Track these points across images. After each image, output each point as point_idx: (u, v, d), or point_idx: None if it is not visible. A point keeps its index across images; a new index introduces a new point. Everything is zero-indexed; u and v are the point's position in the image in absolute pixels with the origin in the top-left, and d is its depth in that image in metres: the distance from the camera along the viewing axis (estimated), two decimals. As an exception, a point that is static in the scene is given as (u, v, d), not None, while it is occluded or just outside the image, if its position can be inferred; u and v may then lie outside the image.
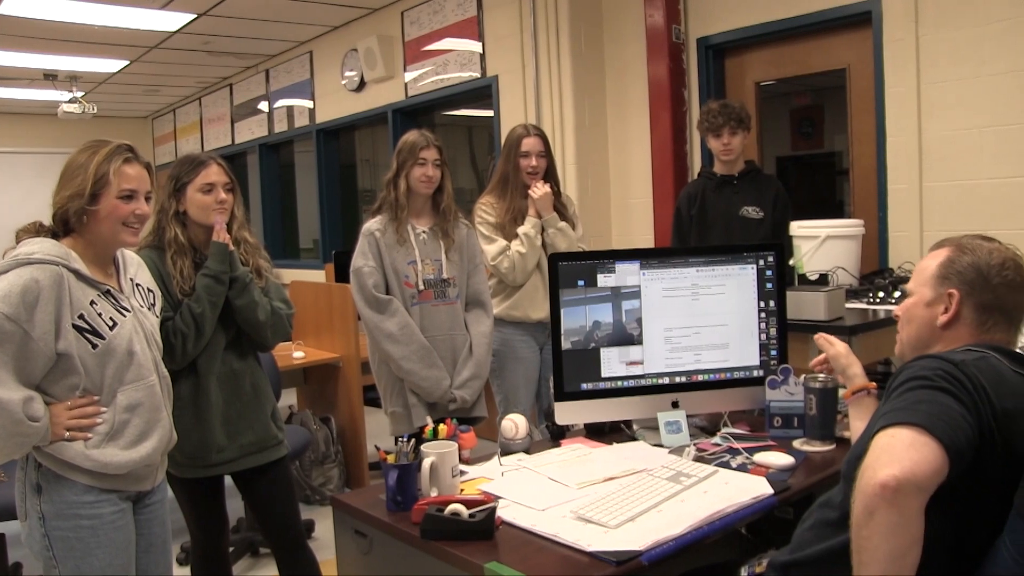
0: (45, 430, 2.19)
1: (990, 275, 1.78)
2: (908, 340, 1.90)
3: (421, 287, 3.41)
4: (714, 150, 4.20)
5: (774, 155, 5.70)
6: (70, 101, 9.47)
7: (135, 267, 2.53)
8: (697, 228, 4.19)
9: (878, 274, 4.06)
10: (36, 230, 2.34)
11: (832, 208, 5.25)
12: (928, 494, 1.45)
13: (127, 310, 2.36)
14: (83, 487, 2.29)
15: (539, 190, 3.81)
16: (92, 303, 2.27)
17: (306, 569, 3.10)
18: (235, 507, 4.26)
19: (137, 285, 2.49)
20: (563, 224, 3.87)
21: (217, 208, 2.81)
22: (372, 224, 3.44)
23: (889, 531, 1.44)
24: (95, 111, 9.57)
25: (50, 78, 9.45)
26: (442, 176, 3.44)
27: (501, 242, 3.82)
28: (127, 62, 9.14)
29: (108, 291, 2.34)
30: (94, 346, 2.26)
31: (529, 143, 3.86)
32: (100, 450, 2.29)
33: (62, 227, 2.33)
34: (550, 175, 3.93)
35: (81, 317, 2.23)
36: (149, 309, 2.50)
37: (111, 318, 2.30)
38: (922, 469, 1.44)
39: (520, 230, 3.82)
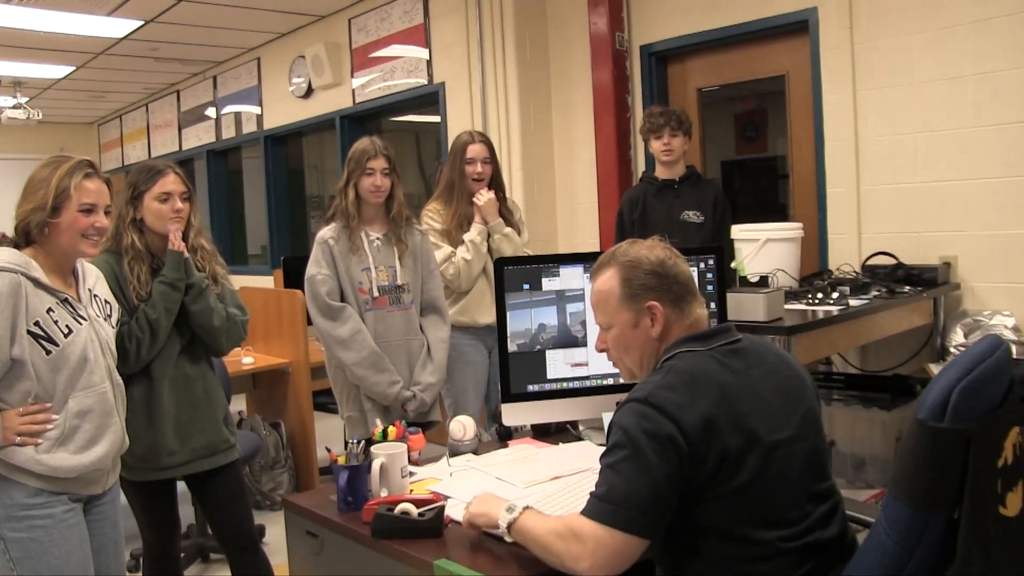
0: None
1: (664, 271, 1.91)
2: (635, 364, 1.98)
3: (376, 294, 3.44)
4: (655, 152, 4.28)
5: (718, 159, 5.80)
6: (14, 107, 9.35)
7: (94, 278, 2.57)
8: (639, 232, 4.26)
9: (818, 276, 4.16)
10: None
11: (775, 211, 5.35)
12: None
13: (84, 319, 2.41)
14: (33, 489, 2.32)
15: (484, 196, 3.86)
16: (49, 310, 2.32)
17: (260, 571, 3.13)
18: (186, 513, 4.25)
19: (95, 296, 2.53)
20: (508, 230, 3.92)
21: (173, 217, 2.84)
22: (326, 232, 3.46)
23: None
24: (40, 117, 9.46)
25: (-7, 84, 9.34)
26: (392, 185, 3.47)
27: (447, 249, 3.86)
28: (73, 68, 9.05)
29: (66, 299, 2.39)
30: (48, 352, 2.30)
31: (474, 150, 3.90)
32: (50, 455, 2.32)
33: (24, 238, 2.39)
34: (495, 181, 3.97)
35: (37, 324, 2.28)
36: (105, 319, 2.54)
37: (67, 325, 2.35)
38: (617, 562, 1.68)
39: (466, 237, 3.86)
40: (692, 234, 4.15)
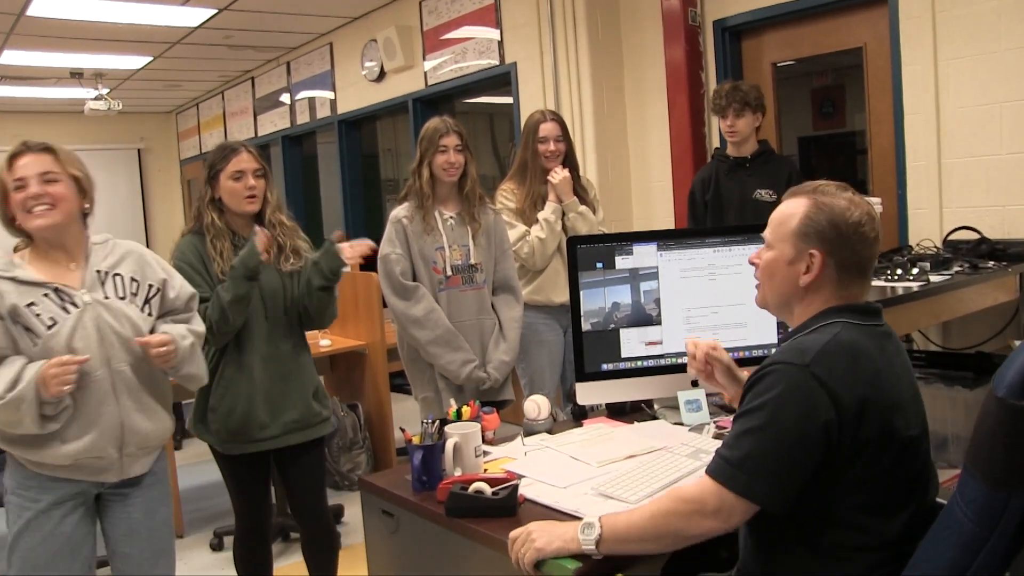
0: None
1: (849, 233, 1.79)
2: (771, 296, 1.92)
3: (449, 273, 3.45)
4: (723, 131, 4.23)
5: (795, 136, 5.70)
6: (96, 98, 9.57)
7: (117, 257, 2.55)
8: (712, 213, 4.21)
9: (897, 251, 4.06)
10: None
11: (854, 187, 5.21)
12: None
13: (76, 305, 2.41)
14: (31, 473, 2.41)
15: (558, 175, 3.85)
16: (30, 304, 2.35)
17: (332, 547, 3.23)
18: (267, 493, 4.33)
19: (115, 275, 2.51)
20: (583, 208, 3.92)
21: (247, 196, 2.96)
22: (399, 211, 3.48)
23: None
24: (120, 107, 9.66)
25: (76, 76, 9.55)
26: (466, 162, 3.47)
27: (521, 227, 3.86)
28: (150, 58, 9.23)
29: (56, 289, 2.40)
30: (34, 344, 2.35)
31: (547, 128, 3.89)
32: (35, 450, 2.38)
33: (18, 235, 2.49)
34: (569, 159, 3.96)
35: (15, 320, 2.33)
36: (128, 299, 2.51)
37: (51, 317, 2.36)
38: (734, 522, 1.69)
39: (540, 215, 3.86)
40: (765, 213, 4.04)
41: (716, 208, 4.19)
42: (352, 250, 3.06)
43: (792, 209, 1.86)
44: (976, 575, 1.51)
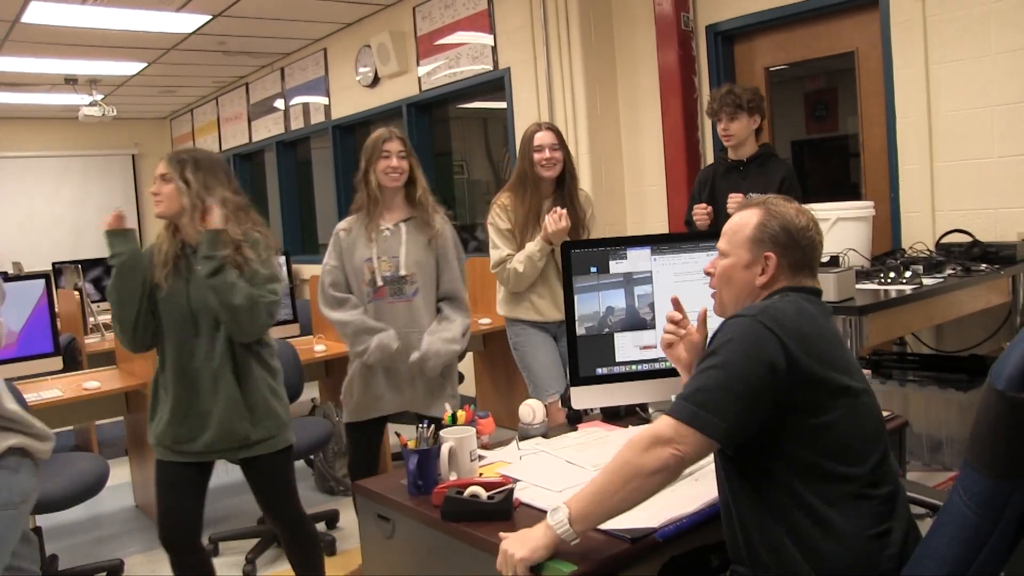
0: None
1: (799, 237, 1.97)
2: (730, 301, 2.05)
3: (379, 283, 3.46)
4: (719, 134, 4.25)
5: (788, 139, 5.72)
6: (90, 104, 9.55)
7: None
8: None
9: (890, 255, 4.09)
10: None
11: (847, 190, 5.26)
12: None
13: None
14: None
15: (555, 224, 3.67)
16: None
17: (302, 546, 3.24)
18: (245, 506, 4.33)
19: None
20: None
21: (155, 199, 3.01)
22: (341, 224, 3.54)
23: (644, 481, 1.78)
24: (114, 113, 9.65)
25: (71, 82, 9.54)
26: (411, 168, 3.47)
27: (504, 251, 3.83)
28: (145, 64, 9.22)
29: None
30: None
31: (541, 137, 3.86)
32: None
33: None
34: (568, 170, 3.92)
35: None
36: None
37: None
38: (686, 451, 1.76)
39: (526, 249, 3.78)
40: None
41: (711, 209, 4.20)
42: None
43: (746, 219, 2.02)
44: (982, 567, 1.53)
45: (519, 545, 1.80)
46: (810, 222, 2.00)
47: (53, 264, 7.85)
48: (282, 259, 5.63)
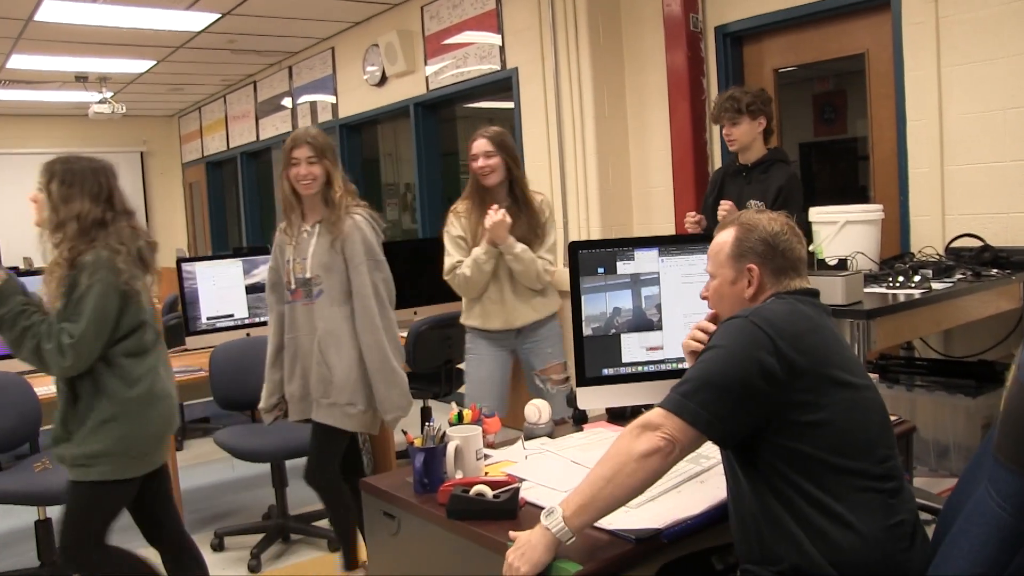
0: None
1: (775, 243, 2.03)
2: (726, 317, 2.05)
3: (292, 286, 3.47)
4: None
5: (796, 142, 5.70)
6: (100, 102, 9.60)
7: None
8: (712, 215, 4.20)
9: (899, 259, 4.06)
10: None
11: (855, 194, 5.24)
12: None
13: None
14: None
15: (491, 218, 3.67)
16: None
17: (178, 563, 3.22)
18: (266, 494, 4.36)
19: None
20: (519, 249, 3.74)
21: None
22: (281, 223, 3.57)
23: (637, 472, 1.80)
24: (124, 111, 9.69)
25: (81, 80, 9.59)
26: (327, 171, 3.41)
27: (455, 258, 3.82)
28: (154, 62, 9.25)
29: None
30: None
31: (476, 145, 3.79)
32: None
33: None
34: (514, 178, 3.84)
35: None
36: None
37: None
38: (675, 438, 1.79)
39: (472, 253, 3.78)
40: None
41: (716, 211, 4.18)
42: None
43: (723, 239, 2.09)
44: (1019, 569, 1.50)
45: (523, 559, 1.80)
46: (783, 227, 2.06)
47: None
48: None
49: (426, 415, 5.30)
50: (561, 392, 3.76)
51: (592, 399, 2.74)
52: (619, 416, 2.81)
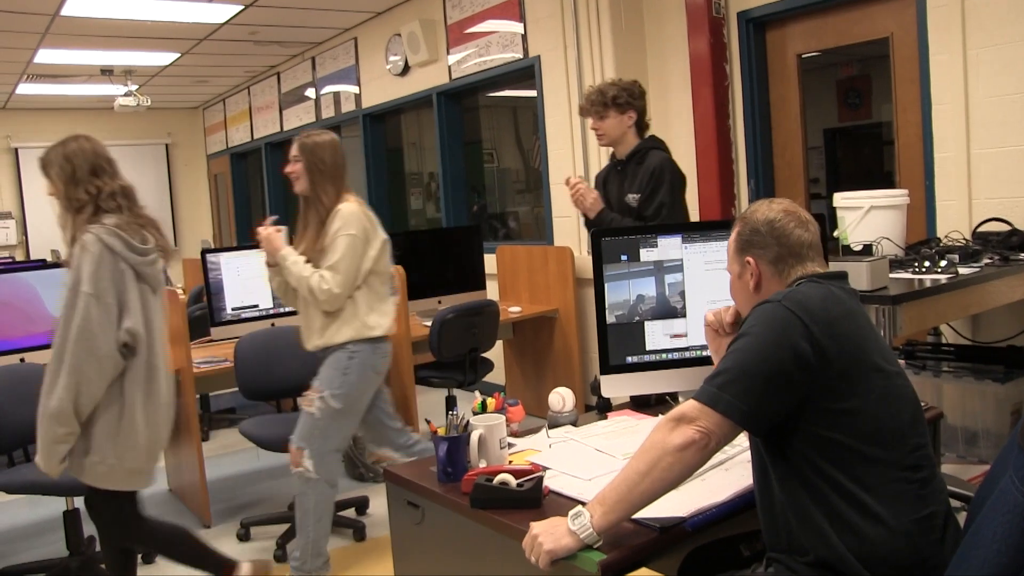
0: None
1: (766, 231, 2.02)
2: (744, 310, 2.09)
3: None
4: None
5: (820, 127, 5.67)
6: (125, 95, 9.66)
7: None
8: None
9: (925, 244, 4.03)
10: None
11: (881, 179, 5.21)
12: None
13: None
14: None
15: (260, 233, 3.66)
16: None
17: None
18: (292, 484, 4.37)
19: None
20: (290, 263, 3.60)
21: None
22: None
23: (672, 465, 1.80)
24: (149, 103, 9.76)
25: (106, 73, 9.68)
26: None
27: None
28: (178, 55, 9.30)
29: None
30: None
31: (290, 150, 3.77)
32: None
33: None
34: (312, 182, 3.75)
35: None
36: None
37: None
38: (710, 430, 1.79)
39: None
40: (634, 218, 3.98)
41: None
42: None
43: (730, 237, 2.12)
44: None
45: (548, 537, 1.80)
46: (778, 213, 2.03)
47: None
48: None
49: (450, 404, 5.30)
50: (305, 410, 3.63)
51: (616, 387, 2.73)
52: (643, 404, 2.81)
